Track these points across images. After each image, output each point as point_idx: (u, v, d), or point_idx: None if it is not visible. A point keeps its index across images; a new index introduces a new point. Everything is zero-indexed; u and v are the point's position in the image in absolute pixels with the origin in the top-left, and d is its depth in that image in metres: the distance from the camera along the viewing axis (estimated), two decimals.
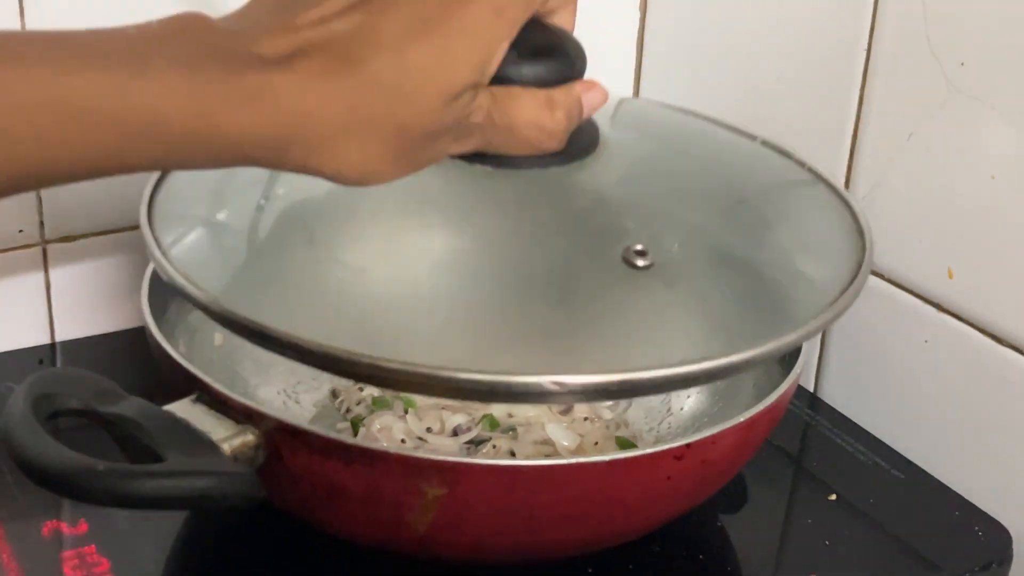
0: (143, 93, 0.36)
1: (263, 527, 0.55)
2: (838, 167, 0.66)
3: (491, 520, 0.48)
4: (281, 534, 0.55)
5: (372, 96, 0.39)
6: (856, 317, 0.66)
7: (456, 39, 0.40)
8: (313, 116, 0.38)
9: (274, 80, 0.38)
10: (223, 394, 0.48)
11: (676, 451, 0.48)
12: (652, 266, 0.47)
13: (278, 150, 0.39)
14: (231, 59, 0.38)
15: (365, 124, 0.39)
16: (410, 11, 0.40)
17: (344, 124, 0.39)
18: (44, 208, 0.66)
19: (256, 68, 0.38)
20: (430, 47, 0.40)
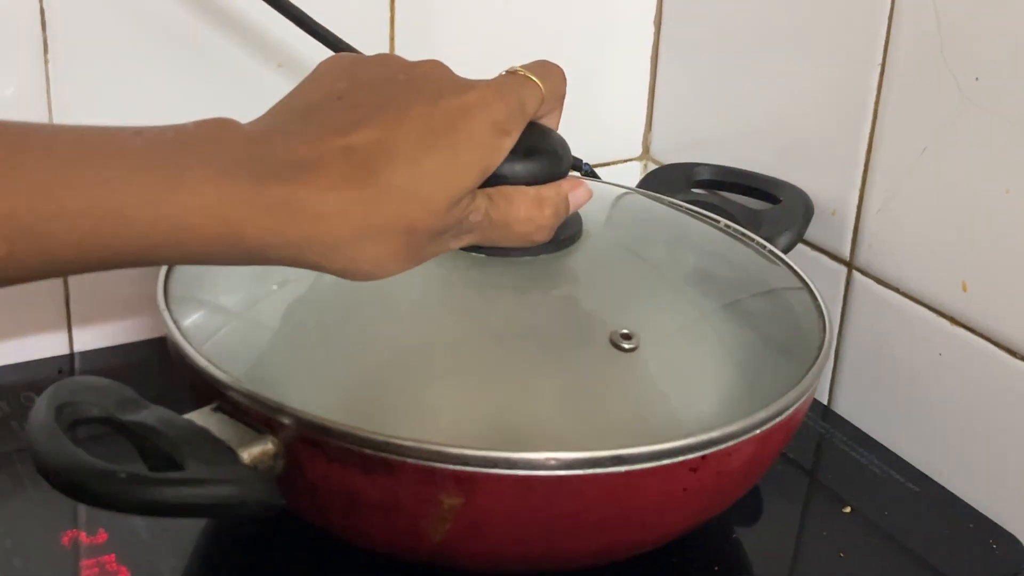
0: (176, 205, 0.39)
1: (282, 536, 0.56)
2: (852, 181, 0.67)
3: (507, 530, 0.48)
4: (299, 543, 0.55)
5: (386, 202, 0.42)
6: (870, 330, 0.67)
7: (462, 149, 0.44)
8: (331, 222, 0.41)
9: (298, 192, 0.41)
10: (243, 403, 0.48)
11: (692, 463, 0.48)
12: (637, 348, 0.52)
13: (295, 253, 0.42)
14: (258, 168, 0.40)
15: (379, 228, 0.42)
16: (422, 124, 0.43)
17: (360, 229, 0.42)
18: None
19: (281, 178, 0.40)
20: (440, 156, 0.43)
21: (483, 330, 0.53)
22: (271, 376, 0.51)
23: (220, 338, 0.53)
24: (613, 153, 0.81)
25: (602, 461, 0.47)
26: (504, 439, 0.47)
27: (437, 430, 0.48)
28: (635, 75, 0.81)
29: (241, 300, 0.56)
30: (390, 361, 0.52)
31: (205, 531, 0.57)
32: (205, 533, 0.57)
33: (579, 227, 0.58)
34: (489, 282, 0.55)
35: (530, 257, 0.56)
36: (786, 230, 0.67)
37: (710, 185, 0.73)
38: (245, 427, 0.48)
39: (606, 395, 0.51)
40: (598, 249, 0.58)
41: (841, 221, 0.68)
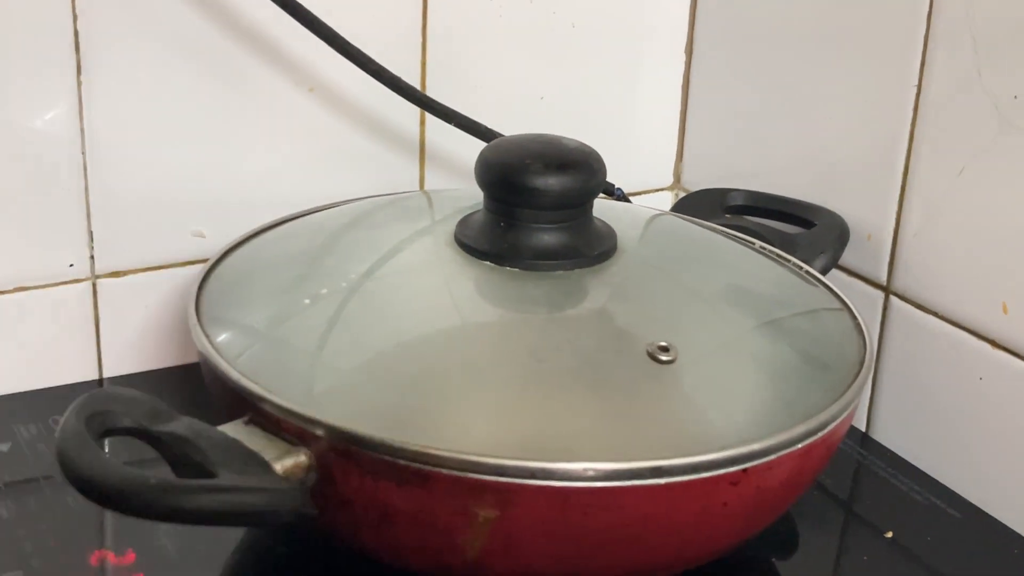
0: None
1: (313, 557, 0.55)
2: (888, 205, 0.66)
3: (543, 543, 0.47)
4: (330, 562, 0.54)
5: None
6: (908, 355, 0.66)
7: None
8: None
9: None
10: (276, 415, 0.48)
11: (732, 476, 0.47)
12: (675, 361, 0.51)
13: None
14: None
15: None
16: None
17: None
18: (95, 243, 0.66)
19: None
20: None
21: (518, 343, 0.52)
22: (303, 389, 0.50)
23: (252, 353, 0.53)
24: (643, 182, 0.80)
25: (641, 472, 0.46)
26: (541, 451, 0.46)
27: (472, 443, 0.47)
28: (666, 104, 0.80)
29: (272, 317, 0.55)
30: (423, 375, 0.51)
31: (235, 551, 0.56)
32: (235, 553, 0.56)
33: (614, 243, 0.57)
34: (523, 296, 0.55)
35: (563, 272, 0.55)
36: (821, 254, 0.66)
37: (743, 211, 0.72)
38: (278, 439, 0.48)
39: (644, 408, 0.50)
40: (633, 265, 0.58)
41: (877, 245, 0.67)
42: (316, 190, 0.69)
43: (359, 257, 0.58)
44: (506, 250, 0.55)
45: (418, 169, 0.73)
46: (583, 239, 0.56)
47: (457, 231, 0.57)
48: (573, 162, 0.55)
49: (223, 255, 0.60)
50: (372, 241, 0.59)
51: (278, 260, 0.60)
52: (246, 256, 0.61)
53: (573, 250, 0.56)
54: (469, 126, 0.67)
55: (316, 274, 0.57)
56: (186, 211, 0.67)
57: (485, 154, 0.57)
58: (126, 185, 0.66)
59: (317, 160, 0.70)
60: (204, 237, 0.68)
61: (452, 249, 0.57)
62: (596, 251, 0.56)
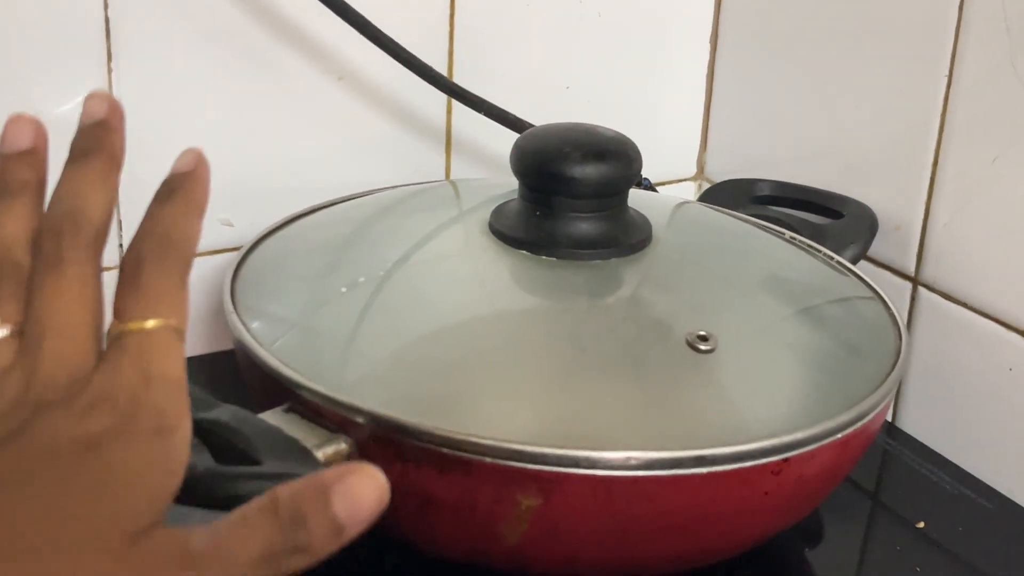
0: None
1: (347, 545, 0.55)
2: (918, 195, 0.66)
3: (584, 532, 0.47)
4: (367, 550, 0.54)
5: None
6: (936, 346, 0.66)
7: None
8: None
9: None
10: (316, 403, 0.48)
11: (774, 465, 0.47)
12: (714, 350, 0.51)
13: None
14: None
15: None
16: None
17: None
18: (124, 232, 0.66)
19: None
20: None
21: (558, 331, 0.52)
22: (342, 377, 0.50)
23: (288, 341, 0.53)
24: (667, 173, 0.80)
25: (684, 461, 0.46)
26: (583, 440, 0.46)
27: (513, 431, 0.47)
28: (690, 94, 0.80)
29: (306, 304, 0.55)
30: (462, 362, 0.51)
31: None
32: None
33: (649, 232, 0.57)
34: (561, 285, 0.55)
35: (600, 261, 0.55)
36: (850, 244, 0.66)
37: (771, 201, 0.72)
38: (318, 427, 0.47)
39: (684, 396, 0.50)
40: (668, 255, 0.58)
41: (906, 236, 0.67)
42: (343, 178, 0.69)
43: (392, 245, 0.58)
44: (543, 239, 0.55)
45: (444, 158, 0.73)
46: (619, 228, 0.56)
47: (492, 219, 0.57)
48: (611, 151, 0.55)
49: (255, 243, 0.60)
50: (405, 229, 0.59)
51: (310, 249, 0.60)
52: (278, 244, 0.60)
53: (610, 239, 0.56)
54: (498, 115, 0.67)
55: (349, 262, 0.57)
56: (214, 199, 0.65)
57: (521, 143, 0.57)
58: (155, 173, 0.64)
59: (344, 148, 0.70)
60: (231, 226, 0.68)
61: (487, 237, 0.57)
62: (632, 240, 0.56)
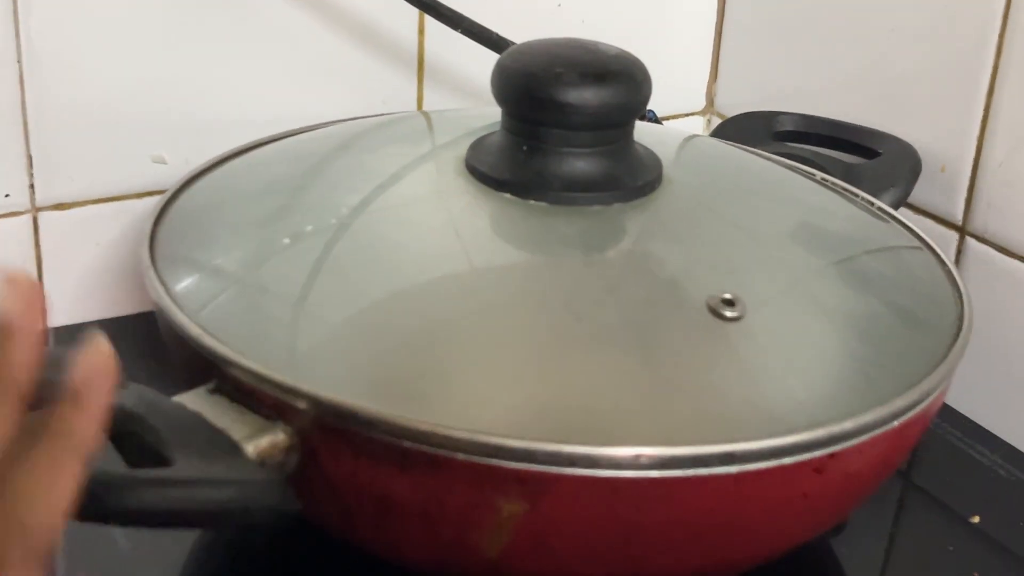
0: None
1: (294, 548, 0.46)
2: (968, 131, 0.57)
3: (582, 545, 0.39)
4: (316, 557, 0.46)
5: None
6: (987, 306, 0.57)
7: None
8: None
9: None
10: (248, 382, 0.39)
11: (817, 462, 0.38)
12: (742, 317, 0.42)
13: None
14: None
15: None
16: None
17: None
18: (35, 169, 0.57)
19: None
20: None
21: (548, 295, 0.43)
22: (282, 350, 0.41)
23: (219, 305, 0.44)
24: (671, 106, 0.71)
25: (708, 459, 0.37)
26: (580, 432, 0.37)
27: (493, 419, 0.38)
28: (699, 16, 0.72)
29: (245, 259, 0.46)
30: (432, 334, 0.42)
31: (198, 542, 0.47)
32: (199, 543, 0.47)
33: (659, 172, 0.48)
34: (552, 236, 0.46)
35: (600, 207, 0.46)
36: (890, 188, 0.57)
37: (794, 138, 0.63)
38: (250, 413, 0.39)
39: (706, 376, 0.41)
40: (682, 199, 0.49)
41: (952, 178, 0.59)
42: (296, 110, 0.61)
43: (350, 187, 0.49)
44: (530, 179, 0.46)
45: (416, 87, 0.64)
46: (623, 167, 0.47)
47: (469, 156, 0.48)
48: (614, 72, 0.46)
49: (185, 183, 0.52)
50: (366, 168, 0.50)
51: (252, 190, 0.51)
52: (213, 185, 0.52)
53: (612, 180, 0.46)
54: (478, 33, 0.58)
55: (298, 207, 0.48)
56: (144, 132, 0.59)
57: (505, 62, 0.47)
58: (72, 100, 0.57)
59: (298, 75, 0.62)
60: (166, 163, 0.60)
61: (463, 178, 0.48)
62: (639, 181, 0.47)
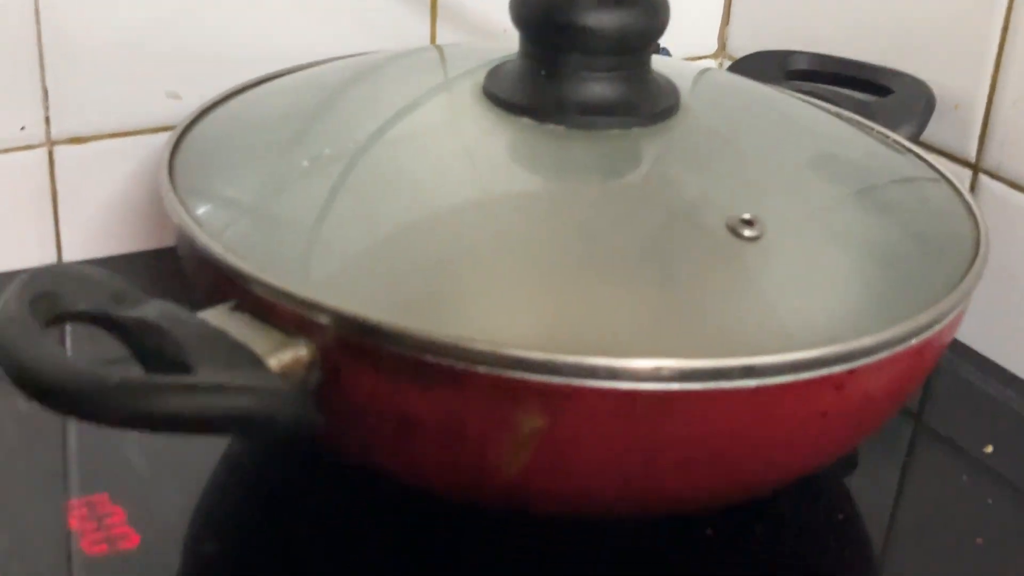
0: None
1: (309, 473, 0.46)
2: (982, 68, 0.57)
3: (601, 461, 0.39)
4: (333, 483, 0.45)
5: None
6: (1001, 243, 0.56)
7: None
8: None
9: None
10: (270, 299, 0.38)
11: (837, 378, 0.38)
12: (760, 237, 0.41)
13: None
14: None
15: None
16: None
17: None
18: (50, 101, 0.56)
19: None
20: None
21: (567, 217, 0.43)
22: (302, 269, 0.41)
23: (239, 228, 0.43)
24: (682, 49, 0.70)
25: (729, 372, 0.37)
26: (599, 347, 0.37)
27: (514, 335, 0.38)
28: None
29: (263, 184, 0.45)
30: (451, 257, 0.41)
31: (217, 468, 0.47)
32: (218, 468, 0.47)
33: (676, 99, 0.48)
34: (571, 160, 0.45)
35: (619, 131, 0.46)
36: (904, 124, 0.57)
37: (807, 77, 0.63)
38: (272, 329, 0.38)
39: (725, 294, 0.41)
40: (699, 126, 0.48)
41: (966, 115, 0.58)
42: (308, 46, 0.60)
43: (368, 114, 0.48)
44: (549, 104, 0.46)
45: (429, 22, 0.63)
46: (641, 92, 0.47)
47: (487, 82, 0.48)
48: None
49: (202, 113, 0.51)
50: (383, 96, 0.50)
51: (269, 119, 0.50)
52: (230, 115, 0.51)
53: (630, 105, 0.46)
54: None
55: (315, 134, 0.48)
56: (160, 67, 0.58)
57: None
58: (88, 33, 0.56)
59: (311, 10, 0.61)
60: (180, 99, 0.59)
61: (481, 104, 0.47)
62: (657, 107, 0.46)
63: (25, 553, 0.42)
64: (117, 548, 0.42)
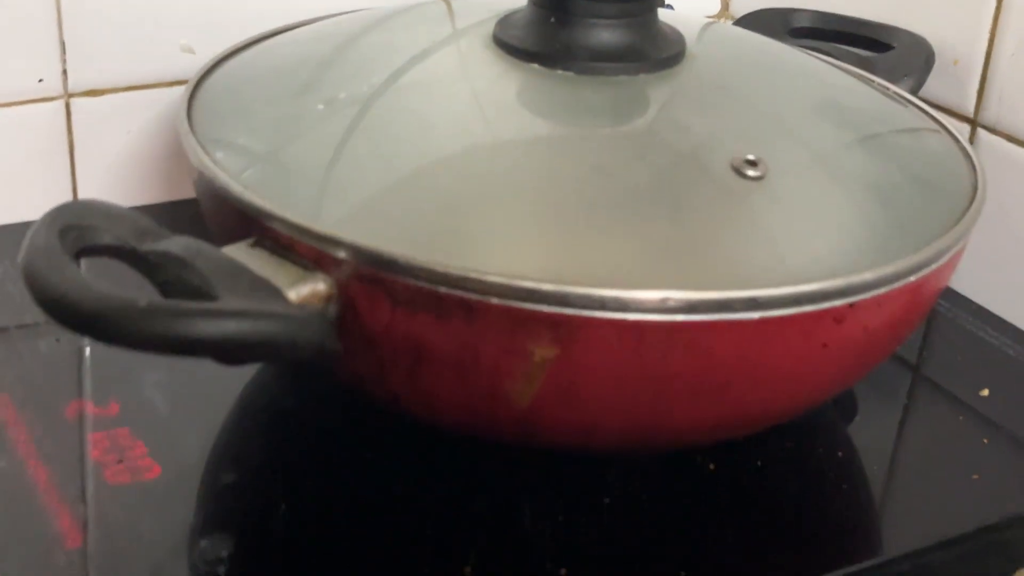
0: None
1: (323, 411, 0.47)
2: (980, 22, 0.58)
3: (609, 392, 0.40)
4: (349, 418, 0.47)
5: None
6: (998, 196, 0.58)
7: None
8: None
9: None
10: (288, 235, 0.39)
11: (837, 312, 0.40)
12: (764, 177, 0.43)
13: None
14: None
15: None
16: None
17: None
18: (68, 55, 0.57)
19: None
20: None
21: (578, 157, 0.44)
22: (318, 209, 0.42)
23: (258, 169, 0.44)
24: (686, 8, 0.71)
25: (733, 304, 0.38)
26: (607, 279, 0.38)
27: (525, 268, 0.39)
28: None
29: (279, 127, 0.47)
30: (464, 197, 0.42)
31: (235, 405, 0.48)
32: (235, 407, 0.48)
33: (682, 47, 0.49)
34: (581, 104, 0.46)
35: (627, 77, 0.47)
36: (904, 78, 0.58)
37: (809, 34, 0.64)
38: (291, 264, 0.40)
39: (731, 230, 0.42)
40: (705, 73, 0.49)
41: (965, 71, 0.59)
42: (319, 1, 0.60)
43: (380, 61, 0.49)
44: (558, 50, 0.47)
45: None
46: (648, 39, 0.48)
47: (497, 30, 0.49)
48: None
49: (217, 62, 0.52)
50: (394, 44, 0.51)
51: (282, 69, 0.51)
52: (243, 66, 0.52)
53: (637, 51, 0.47)
54: None
55: (328, 81, 0.49)
56: (174, 22, 0.59)
57: None
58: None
59: None
60: (194, 53, 0.60)
61: (492, 51, 0.48)
62: (664, 54, 0.48)
63: (50, 482, 0.43)
64: (141, 478, 0.43)
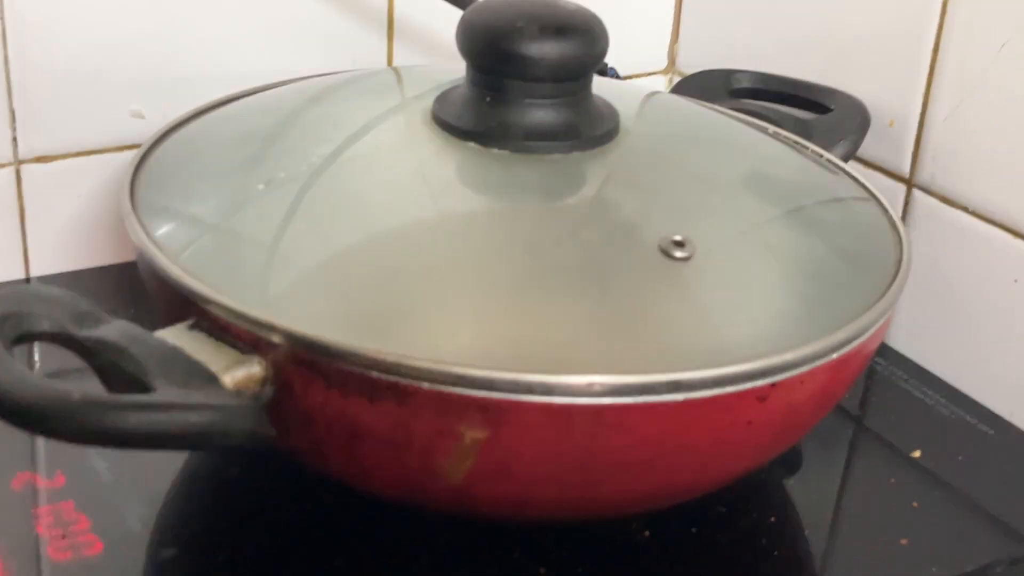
0: None
1: (267, 480, 0.48)
2: (914, 86, 0.59)
3: (540, 469, 0.41)
4: (289, 489, 0.48)
5: None
6: (932, 255, 0.59)
7: None
8: None
9: None
10: (225, 318, 0.40)
11: (760, 391, 0.41)
12: (691, 258, 0.44)
13: None
14: None
15: None
16: None
17: None
18: (18, 122, 0.58)
19: None
20: None
21: (509, 236, 0.45)
22: (257, 289, 0.43)
23: (197, 248, 0.45)
24: (634, 65, 0.73)
25: (656, 387, 0.39)
26: (538, 362, 0.40)
27: (455, 352, 0.40)
28: None
29: (220, 205, 0.48)
30: (398, 273, 0.43)
31: (178, 476, 0.49)
32: (178, 479, 0.49)
33: (616, 123, 0.50)
34: (514, 182, 0.47)
35: (560, 155, 0.48)
36: (840, 141, 0.59)
37: (750, 94, 0.65)
38: (227, 347, 0.40)
39: (657, 311, 0.43)
40: (638, 149, 0.50)
41: (900, 132, 0.60)
42: (268, 66, 0.62)
43: (322, 137, 0.50)
44: (493, 129, 0.48)
45: (386, 44, 0.65)
46: (582, 117, 0.49)
47: (435, 108, 0.50)
48: (573, 26, 0.48)
49: (163, 135, 0.53)
50: (336, 119, 0.52)
51: (226, 141, 0.52)
52: (189, 136, 0.53)
53: (571, 129, 0.48)
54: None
55: (271, 156, 0.50)
56: (123, 87, 0.60)
57: (469, 16, 0.49)
58: (53, 56, 0.58)
59: (271, 32, 0.63)
60: (143, 118, 0.61)
61: (430, 128, 0.49)
62: (597, 131, 0.49)
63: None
64: (81, 555, 0.44)
